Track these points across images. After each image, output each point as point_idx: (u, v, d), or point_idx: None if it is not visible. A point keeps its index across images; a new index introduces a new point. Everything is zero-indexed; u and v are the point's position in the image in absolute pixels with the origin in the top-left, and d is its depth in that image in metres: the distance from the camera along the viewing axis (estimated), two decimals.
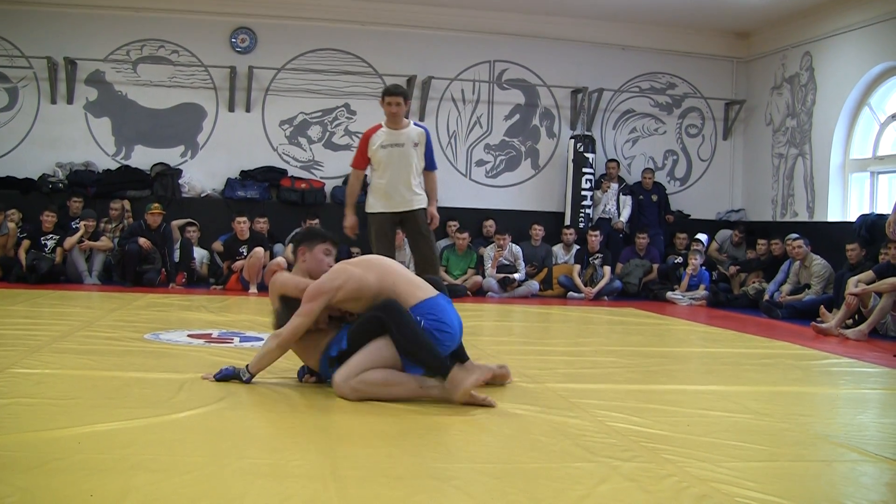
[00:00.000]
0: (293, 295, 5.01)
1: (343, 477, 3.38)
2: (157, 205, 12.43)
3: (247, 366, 5.05)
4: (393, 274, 5.00)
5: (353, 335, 4.83)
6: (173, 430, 4.04)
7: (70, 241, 12.25)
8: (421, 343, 4.71)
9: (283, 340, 4.91)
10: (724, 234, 14.78)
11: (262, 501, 3.07)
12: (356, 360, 4.74)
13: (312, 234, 5.32)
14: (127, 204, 13.45)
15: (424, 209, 8.02)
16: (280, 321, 5.06)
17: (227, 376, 5.05)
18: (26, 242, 12.23)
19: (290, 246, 12.69)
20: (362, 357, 4.74)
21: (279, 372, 5.54)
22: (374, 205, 7.95)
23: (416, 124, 8.15)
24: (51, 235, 12.39)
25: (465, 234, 13.28)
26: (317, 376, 5.13)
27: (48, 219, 12.38)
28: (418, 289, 4.99)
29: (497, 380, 5.38)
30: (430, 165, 8.15)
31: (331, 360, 4.92)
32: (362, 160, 8.04)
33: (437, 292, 5.02)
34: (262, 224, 12.96)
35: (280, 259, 12.17)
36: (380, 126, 8.05)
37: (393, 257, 6.48)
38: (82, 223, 12.44)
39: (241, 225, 12.33)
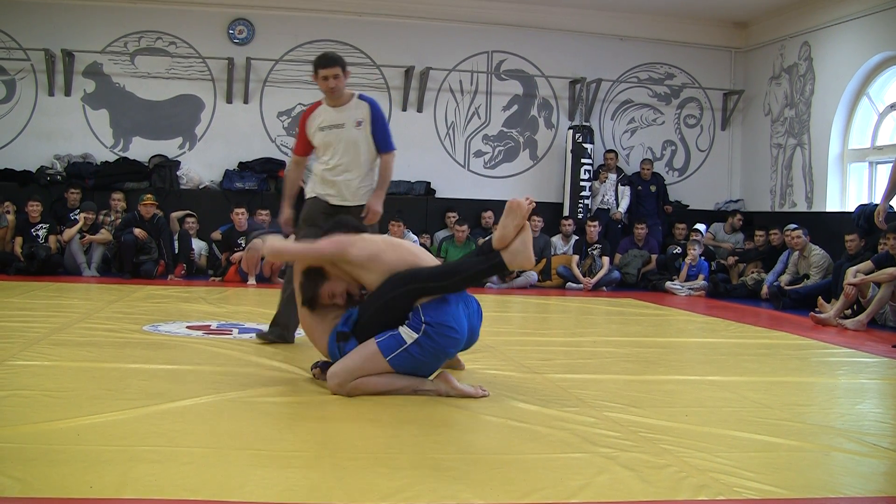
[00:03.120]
0: (301, 257, 5.02)
1: (342, 467, 3.39)
2: (149, 196, 12.44)
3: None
4: (415, 257, 4.86)
5: (368, 302, 4.74)
6: (173, 420, 4.05)
7: (69, 232, 12.24)
8: (459, 273, 4.72)
9: (293, 253, 5.07)
10: (717, 226, 14.79)
11: (262, 491, 3.08)
12: (347, 366, 4.61)
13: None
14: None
15: (363, 206, 6.51)
16: (306, 295, 4.93)
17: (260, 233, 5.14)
18: (19, 239, 12.21)
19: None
20: (353, 364, 4.61)
21: (278, 365, 5.55)
22: (312, 189, 6.58)
23: (361, 97, 6.61)
24: (40, 225, 12.37)
25: (465, 227, 13.26)
26: (324, 367, 4.99)
27: (34, 208, 12.36)
28: None
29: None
30: (384, 146, 6.54)
31: (339, 335, 4.77)
32: (302, 145, 6.66)
33: None
34: (263, 216, 12.99)
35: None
36: (319, 103, 6.63)
37: None
38: (82, 215, 12.44)
39: (240, 216, 12.34)
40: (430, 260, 4.93)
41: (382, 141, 6.53)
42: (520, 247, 4.73)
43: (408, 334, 4.58)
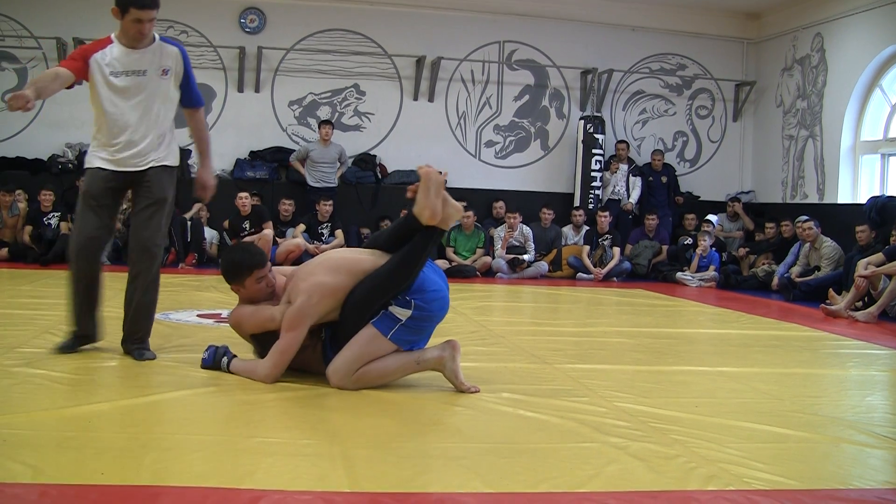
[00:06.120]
0: (260, 330, 4.77)
1: (351, 456, 3.40)
2: None
3: (229, 364, 4.82)
4: (361, 263, 4.68)
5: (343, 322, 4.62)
6: (183, 408, 4.06)
7: None
8: (413, 268, 4.58)
9: (270, 376, 4.61)
10: (721, 216, 14.76)
11: (271, 479, 3.09)
12: (349, 356, 4.56)
13: (236, 271, 4.83)
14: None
15: (166, 168, 5.44)
16: (261, 353, 4.81)
17: (212, 357, 4.88)
18: (28, 227, 12.22)
19: (301, 227, 12.76)
20: (355, 352, 4.55)
21: None
22: (92, 158, 5.34)
23: (164, 40, 5.48)
24: (52, 213, 12.39)
25: (471, 213, 13.22)
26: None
27: (46, 197, 12.37)
28: None
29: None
30: (194, 100, 5.61)
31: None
32: (78, 70, 5.23)
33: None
34: (287, 205, 13.10)
35: (299, 240, 12.26)
36: (108, 41, 5.30)
37: (100, 232, 5.37)
38: None
39: (243, 200, 12.30)
40: (369, 259, 4.71)
41: (195, 95, 5.62)
42: (451, 211, 4.73)
43: (400, 312, 4.55)
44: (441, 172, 4.72)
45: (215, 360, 4.87)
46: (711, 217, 14.16)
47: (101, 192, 5.29)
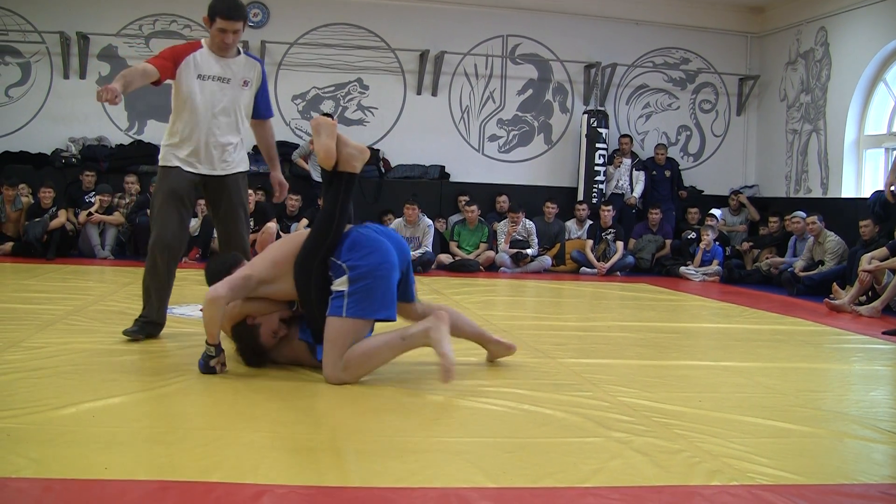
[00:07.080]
0: (240, 313, 4.73)
1: (355, 451, 3.40)
2: None
3: (206, 342, 4.66)
4: (304, 234, 4.75)
5: (299, 285, 4.66)
6: (187, 403, 4.06)
7: (83, 214, 12.29)
8: (334, 214, 4.66)
9: (216, 298, 4.47)
10: (724, 210, 14.79)
11: (274, 474, 3.09)
12: (329, 352, 4.52)
13: (217, 280, 4.73)
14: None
15: (242, 174, 6.03)
16: (249, 356, 4.82)
17: (206, 362, 4.67)
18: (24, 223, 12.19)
19: (304, 221, 12.76)
20: (330, 346, 4.52)
21: None
22: (170, 157, 5.74)
23: (248, 54, 5.86)
24: (52, 210, 12.37)
25: (474, 207, 13.22)
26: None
27: (46, 195, 12.34)
28: None
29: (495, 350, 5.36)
30: (268, 111, 6.06)
31: (315, 339, 4.77)
32: (166, 70, 5.66)
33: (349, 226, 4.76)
34: (294, 201, 13.12)
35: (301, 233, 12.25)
36: (198, 45, 5.73)
37: (182, 231, 5.72)
38: (97, 197, 12.47)
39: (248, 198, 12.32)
40: (305, 231, 4.86)
41: (267, 106, 6.03)
42: (352, 151, 4.83)
43: (340, 283, 4.53)
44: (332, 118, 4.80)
45: (207, 361, 4.69)
46: (715, 211, 14.16)
47: (186, 192, 5.69)
